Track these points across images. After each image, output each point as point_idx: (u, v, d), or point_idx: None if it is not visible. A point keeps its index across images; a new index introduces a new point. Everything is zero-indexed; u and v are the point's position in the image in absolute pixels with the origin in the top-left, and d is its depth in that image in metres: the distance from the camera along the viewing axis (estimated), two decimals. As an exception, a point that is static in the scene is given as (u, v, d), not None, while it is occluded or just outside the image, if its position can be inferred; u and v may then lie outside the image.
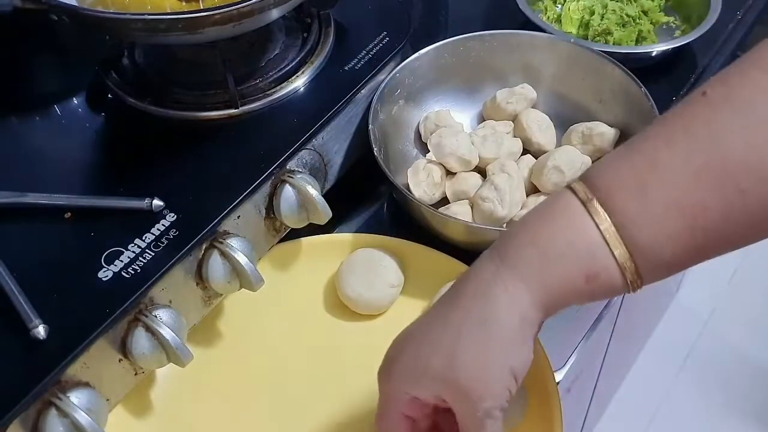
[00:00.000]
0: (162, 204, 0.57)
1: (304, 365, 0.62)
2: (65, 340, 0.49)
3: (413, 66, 0.74)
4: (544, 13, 0.92)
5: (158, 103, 0.66)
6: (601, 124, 0.72)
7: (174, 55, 0.71)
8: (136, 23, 0.58)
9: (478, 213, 0.66)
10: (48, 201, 0.57)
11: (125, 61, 0.70)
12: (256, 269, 0.57)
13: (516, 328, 0.43)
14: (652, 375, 1.67)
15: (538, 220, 0.44)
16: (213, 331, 0.64)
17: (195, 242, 0.55)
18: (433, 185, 0.70)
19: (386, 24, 0.74)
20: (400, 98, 0.74)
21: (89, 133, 0.67)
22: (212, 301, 0.60)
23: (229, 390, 0.61)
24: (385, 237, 0.67)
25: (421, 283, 0.65)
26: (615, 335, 1.18)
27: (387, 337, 0.64)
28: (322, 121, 0.64)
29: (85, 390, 0.50)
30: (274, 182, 0.61)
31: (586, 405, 1.30)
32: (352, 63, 0.70)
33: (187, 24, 0.57)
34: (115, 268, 0.53)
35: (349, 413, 0.60)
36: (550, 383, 0.58)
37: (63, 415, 0.48)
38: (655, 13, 0.90)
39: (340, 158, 0.69)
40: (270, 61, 0.69)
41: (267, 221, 0.63)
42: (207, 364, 0.61)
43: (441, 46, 0.76)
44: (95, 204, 0.57)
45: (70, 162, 0.63)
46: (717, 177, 0.40)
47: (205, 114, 0.65)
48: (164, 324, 0.53)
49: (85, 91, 0.70)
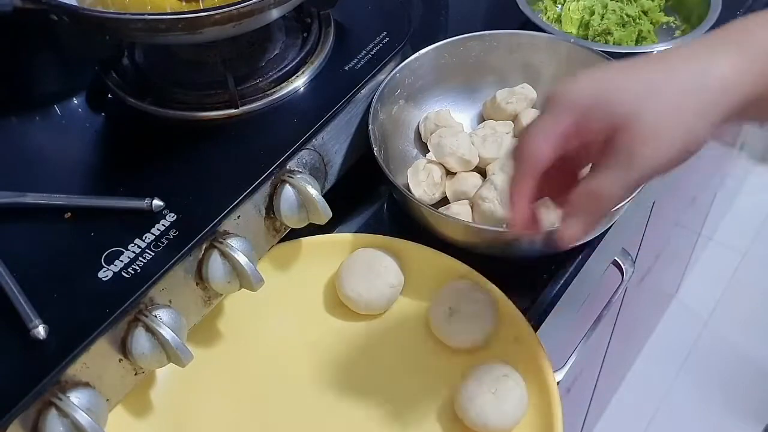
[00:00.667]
0: (162, 204, 0.57)
1: (304, 365, 0.62)
2: (65, 340, 0.49)
3: (413, 66, 0.74)
4: (544, 13, 0.92)
5: (158, 103, 0.66)
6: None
7: (174, 55, 0.71)
8: (136, 23, 0.58)
9: (478, 213, 0.66)
10: (48, 201, 0.57)
11: (125, 61, 0.70)
12: (256, 269, 0.57)
13: (721, 89, 0.41)
14: (652, 375, 1.67)
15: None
16: (213, 331, 0.64)
17: (195, 242, 0.55)
18: (433, 185, 0.70)
19: (386, 24, 0.74)
20: (400, 98, 0.74)
21: (89, 133, 0.67)
22: (212, 301, 0.60)
23: (229, 390, 0.61)
24: (385, 237, 0.67)
25: (421, 283, 0.65)
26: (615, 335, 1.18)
27: (387, 337, 0.64)
28: (322, 121, 0.64)
29: (85, 390, 0.50)
30: (274, 182, 0.61)
31: (586, 405, 1.30)
32: (352, 63, 0.70)
33: (187, 24, 0.57)
34: (115, 268, 0.53)
35: (349, 413, 0.60)
36: (550, 383, 0.58)
37: (63, 415, 0.48)
38: (655, 13, 0.90)
39: (340, 158, 0.69)
40: (270, 61, 0.69)
41: (267, 221, 0.63)
42: (207, 364, 0.61)
43: (441, 46, 0.76)
44: (95, 204, 0.57)
45: (70, 162, 0.63)
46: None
47: (205, 114, 0.65)
48: (164, 324, 0.53)
49: (85, 91, 0.70)
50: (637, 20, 0.87)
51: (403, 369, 0.62)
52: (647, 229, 1.02)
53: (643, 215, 0.97)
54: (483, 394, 0.56)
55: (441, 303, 0.62)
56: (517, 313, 0.62)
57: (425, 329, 0.64)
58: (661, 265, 1.34)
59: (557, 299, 0.66)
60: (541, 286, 0.66)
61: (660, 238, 1.22)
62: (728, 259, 1.89)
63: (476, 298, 0.61)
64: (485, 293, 0.62)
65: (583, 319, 0.80)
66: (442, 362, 0.62)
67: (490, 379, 0.57)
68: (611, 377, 1.44)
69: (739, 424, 1.59)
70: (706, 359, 1.71)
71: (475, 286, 0.62)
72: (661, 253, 1.29)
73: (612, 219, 0.64)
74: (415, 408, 0.60)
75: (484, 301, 0.61)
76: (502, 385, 0.57)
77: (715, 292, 1.82)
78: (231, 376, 0.62)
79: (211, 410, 0.60)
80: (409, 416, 0.59)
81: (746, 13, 0.94)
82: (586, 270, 0.69)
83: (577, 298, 0.72)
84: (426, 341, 0.63)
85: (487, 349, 0.62)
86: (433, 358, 0.62)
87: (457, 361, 0.62)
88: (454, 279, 0.64)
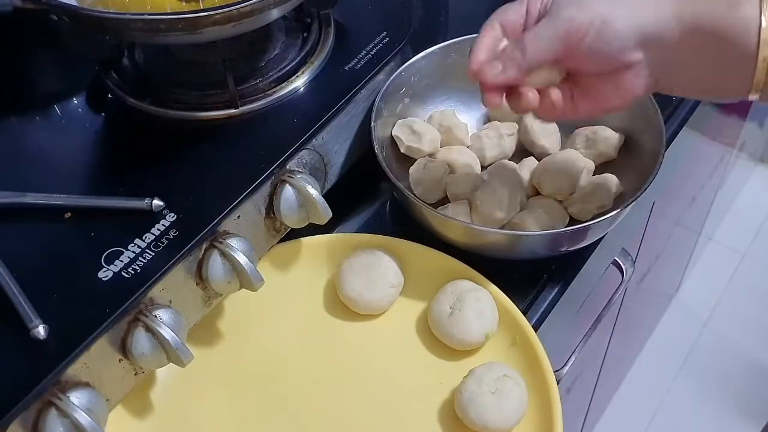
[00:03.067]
0: (162, 204, 0.57)
1: (303, 365, 0.62)
2: (65, 340, 0.49)
3: (419, 65, 0.74)
4: (544, 13, 0.92)
5: (158, 103, 0.66)
6: (606, 128, 0.72)
7: (174, 55, 0.71)
8: (136, 23, 0.58)
9: (477, 213, 0.66)
10: (48, 201, 0.57)
11: (125, 61, 0.70)
12: (256, 269, 0.57)
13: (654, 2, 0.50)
14: (652, 375, 1.67)
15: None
16: (213, 331, 0.64)
17: (195, 242, 0.55)
18: (434, 184, 0.70)
19: (386, 24, 0.74)
20: (405, 97, 0.74)
21: (89, 133, 0.67)
22: (212, 301, 0.60)
23: (229, 390, 0.61)
24: (385, 237, 0.67)
25: (421, 283, 0.65)
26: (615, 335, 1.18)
27: (387, 337, 0.64)
28: (322, 121, 0.64)
29: (85, 390, 0.50)
30: (274, 182, 0.61)
31: (586, 405, 1.30)
32: (352, 63, 0.70)
33: (187, 24, 0.57)
34: (115, 268, 0.53)
35: (348, 413, 0.60)
36: (550, 383, 0.58)
37: (63, 415, 0.48)
38: (655, 13, 0.90)
39: (340, 158, 0.69)
40: (270, 61, 0.69)
41: (267, 221, 0.63)
42: (207, 364, 0.61)
43: (448, 45, 0.75)
44: (95, 204, 0.57)
45: (70, 162, 0.63)
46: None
47: (205, 114, 0.65)
48: (164, 324, 0.53)
49: (85, 91, 0.70)
50: (637, 20, 0.87)
51: (404, 369, 0.62)
52: (647, 229, 1.02)
53: (643, 215, 0.97)
54: (483, 394, 0.56)
55: (441, 303, 0.62)
56: (517, 313, 0.62)
57: (425, 329, 0.64)
58: (661, 265, 1.34)
59: (557, 299, 0.66)
60: (541, 286, 0.66)
61: (660, 238, 1.22)
62: (728, 259, 1.89)
63: (476, 298, 0.61)
64: (485, 293, 0.62)
65: (583, 319, 0.80)
66: (442, 362, 0.62)
67: (490, 379, 0.57)
68: (611, 377, 1.44)
69: (739, 424, 1.59)
70: (706, 359, 1.71)
71: (475, 286, 0.62)
72: (661, 253, 1.29)
73: (614, 221, 0.64)
74: (415, 408, 0.60)
75: (484, 301, 0.61)
76: (502, 385, 0.57)
77: (715, 292, 1.82)
78: (231, 376, 0.62)
79: (211, 410, 0.60)
80: (409, 416, 0.59)
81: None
82: (586, 270, 0.69)
83: (577, 298, 0.72)
84: (426, 341, 0.63)
85: (487, 349, 0.62)
86: (433, 358, 0.62)
87: (457, 361, 0.62)
88: (454, 279, 0.64)
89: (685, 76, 0.52)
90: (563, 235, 0.64)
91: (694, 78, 0.52)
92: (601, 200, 0.67)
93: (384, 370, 0.62)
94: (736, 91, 0.50)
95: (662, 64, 0.51)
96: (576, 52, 0.51)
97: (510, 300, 0.62)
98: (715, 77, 0.51)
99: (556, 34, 0.51)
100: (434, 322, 0.62)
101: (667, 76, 0.52)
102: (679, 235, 1.45)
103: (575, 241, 0.65)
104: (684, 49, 0.50)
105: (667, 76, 0.52)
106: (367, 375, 0.62)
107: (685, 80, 0.53)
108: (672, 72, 0.52)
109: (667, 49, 0.50)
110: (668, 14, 0.49)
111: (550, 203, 0.68)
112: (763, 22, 0.47)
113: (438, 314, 0.62)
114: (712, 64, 0.50)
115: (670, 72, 0.52)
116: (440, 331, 0.62)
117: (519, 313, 0.62)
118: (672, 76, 0.52)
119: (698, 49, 0.49)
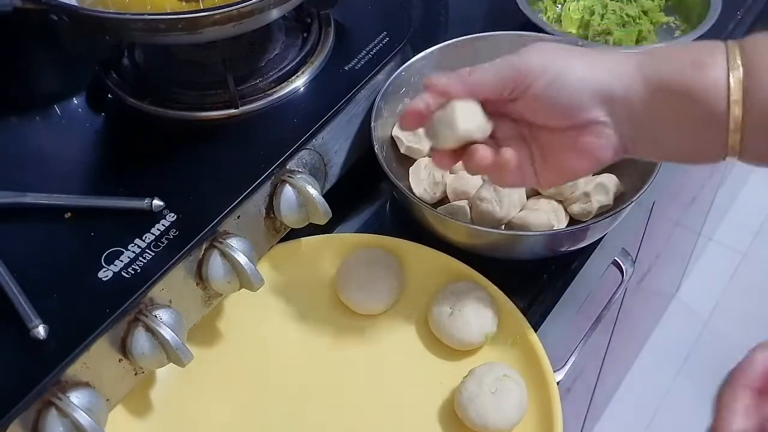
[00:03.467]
0: (162, 204, 0.57)
1: (303, 365, 0.62)
2: (65, 340, 0.49)
3: (419, 65, 0.74)
4: (544, 13, 0.92)
5: (158, 103, 0.66)
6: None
7: (174, 55, 0.71)
8: (136, 23, 0.58)
9: (477, 213, 0.66)
10: (48, 201, 0.57)
11: (125, 61, 0.70)
12: (256, 269, 0.57)
13: (616, 60, 0.49)
14: (652, 375, 1.67)
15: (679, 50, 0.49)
16: (213, 331, 0.64)
17: (195, 242, 0.55)
18: (434, 184, 0.70)
19: (386, 24, 0.74)
20: (405, 96, 0.74)
21: (89, 133, 0.67)
22: (212, 301, 0.60)
23: (229, 390, 0.61)
24: (385, 237, 0.67)
25: (421, 283, 0.65)
26: (615, 335, 1.18)
27: (387, 337, 0.64)
28: (322, 121, 0.64)
29: (85, 390, 0.50)
30: (274, 182, 0.61)
31: (586, 405, 1.30)
32: (352, 63, 0.70)
33: (187, 24, 0.57)
34: (115, 268, 0.53)
35: (349, 413, 0.60)
36: (550, 383, 0.58)
37: (63, 415, 0.48)
38: (655, 13, 0.90)
39: (340, 158, 0.69)
40: (270, 61, 0.69)
41: (267, 221, 0.63)
42: (207, 364, 0.61)
43: (448, 45, 0.75)
44: (95, 204, 0.57)
45: (70, 162, 0.63)
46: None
47: (205, 114, 0.65)
48: (164, 324, 0.53)
49: (85, 91, 0.70)
50: (637, 20, 0.87)
51: (404, 369, 0.62)
52: (647, 229, 1.02)
53: (643, 215, 0.97)
54: (483, 394, 0.56)
55: (441, 303, 0.62)
56: (517, 313, 0.62)
57: (425, 329, 0.64)
58: (661, 265, 1.34)
59: (557, 299, 0.66)
60: (541, 286, 0.66)
61: (660, 238, 1.22)
62: (728, 259, 1.89)
63: (476, 298, 0.61)
64: (485, 293, 0.62)
65: (583, 319, 0.80)
66: (442, 362, 0.62)
67: (490, 379, 0.57)
68: (611, 377, 1.44)
69: (738, 424, 1.59)
70: (706, 359, 1.71)
71: (475, 286, 0.62)
72: (661, 253, 1.29)
73: (614, 221, 0.64)
74: (415, 408, 0.60)
75: (484, 301, 0.61)
76: (502, 385, 0.57)
77: (715, 292, 1.82)
78: (231, 376, 0.62)
79: (211, 410, 0.60)
80: (409, 416, 0.59)
81: (746, 13, 0.94)
82: (586, 270, 0.69)
83: (577, 298, 0.72)
84: (426, 341, 0.63)
85: (487, 349, 0.62)
86: (433, 358, 0.62)
87: (457, 361, 0.62)
88: (454, 279, 0.64)
89: (656, 139, 0.49)
90: (563, 235, 0.64)
91: (666, 141, 0.49)
92: (601, 200, 0.67)
93: (384, 370, 0.62)
94: (713, 154, 0.47)
95: (630, 125, 0.49)
96: (525, 96, 0.50)
97: (510, 300, 0.62)
98: (689, 139, 0.48)
99: (508, 65, 0.50)
100: (434, 322, 0.62)
101: (637, 140, 0.49)
102: (679, 235, 1.45)
103: (575, 241, 0.65)
104: (652, 110, 0.48)
105: (636, 139, 0.49)
106: (367, 375, 0.62)
107: (657, 144, 0.50)
108: (642, 134, 0.49)
109: (633, 109, 0.48)
110: (633, 72, 0.48)
111: (550, 203, 0.68)
112: (731, 82, 0.45)
113: (438, 314, 0.62)
114: (683, 124, 0.47)
115: (640, 134, 0.49)
116: (440, 331, 0.62)
117: (519, 313, 0.62)
118: (642, 139, 0.49)
119: (666, 109, 0.47)
